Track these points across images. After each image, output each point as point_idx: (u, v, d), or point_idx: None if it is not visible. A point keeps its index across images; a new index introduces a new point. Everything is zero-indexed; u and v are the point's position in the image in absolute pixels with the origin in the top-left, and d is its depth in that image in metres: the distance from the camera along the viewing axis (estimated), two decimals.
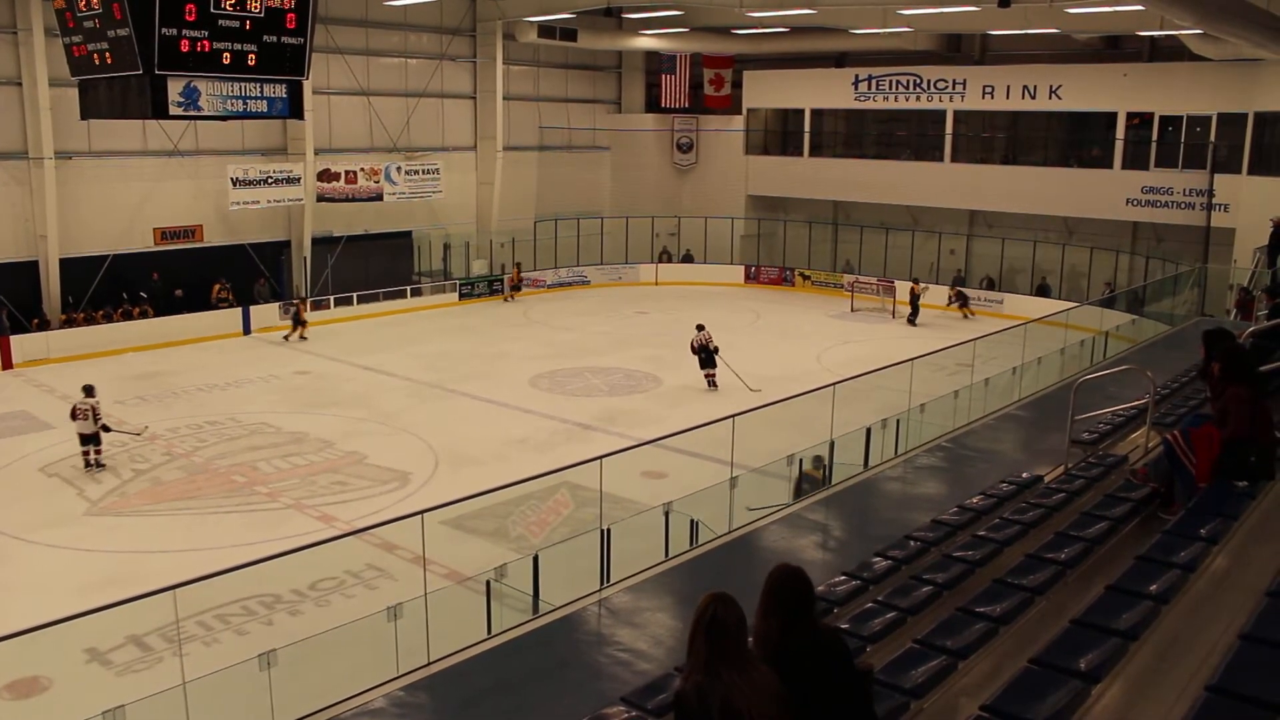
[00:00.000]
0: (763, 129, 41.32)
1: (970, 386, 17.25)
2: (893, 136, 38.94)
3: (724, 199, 40.65)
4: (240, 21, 14.74)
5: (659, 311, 33.88)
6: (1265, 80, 28.31)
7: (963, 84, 35.36)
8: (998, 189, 34.69)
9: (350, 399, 23.15)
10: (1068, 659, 4.89)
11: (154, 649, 11.75)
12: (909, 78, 36.53)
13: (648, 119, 42.74)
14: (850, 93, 37.95)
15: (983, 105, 35.23)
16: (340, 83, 32.98)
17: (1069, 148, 34.81)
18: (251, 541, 14.64)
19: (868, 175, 37.55)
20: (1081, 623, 5.29)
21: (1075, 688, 4.65)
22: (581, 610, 8.43)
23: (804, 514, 10.36)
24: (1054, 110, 33.96)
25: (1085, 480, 8.82)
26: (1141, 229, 32.84)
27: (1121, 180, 32.22)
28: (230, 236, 31.04)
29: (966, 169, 35.71)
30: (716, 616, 3.89)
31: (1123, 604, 5.43)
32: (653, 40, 39.13)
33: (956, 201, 35.80)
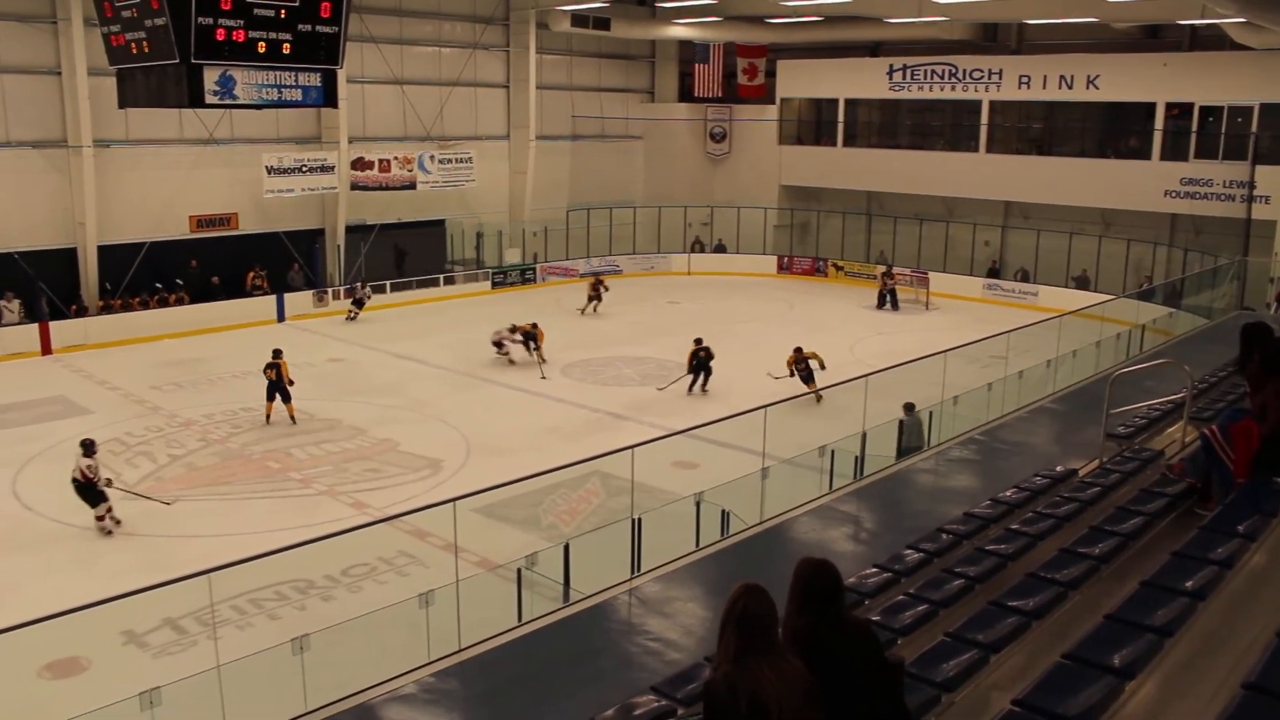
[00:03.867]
0: (796, 119, 41.13)
1: (1004, 379, 17.13)
2: (927, 126, 38.66)
3: (757, 189, 40.51)
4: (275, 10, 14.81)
5: (691, 301, 33.84)
6: None
7: (999, 74, 35.04)
8: (1034, 180, 34.37)
9: (383, 386, 23.28)
10: (1101, 654, 4.85)
11: (189, 632, 11.88)
12: (944, 67, 36.24)
13: (681, 108, 42.64)
14: (885, 82, 37.71)
15: (1019, 95, 34.90)
16: (374, 71, 33.10)
17: (1106, 138, 34.45)
18: (285, 527, 14.76)
19: (902, 165, 37.31)
20: (1116, 618, 5.24)
21: (1109, 684, 4.61)
22: (612, 599, 8.45)
23: (835, 505, 10.34)
24: (1091, 100, 33.59)
25: (1120, 475, 8.74)
26: (1180, 221, 32.46)
27: (1160, 171, 31.85)
28: (265, 224, 31.27)
29: (1002, 159, 35.40)
30: (747, 607, 3.88)
31: (1158, 600, 5.38)
32: (686, 29, 39.00)
33: (992, 192, 35.52)
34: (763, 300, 34.17)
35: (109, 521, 15.26)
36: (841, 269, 38.49)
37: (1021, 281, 34.73)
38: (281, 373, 20.29)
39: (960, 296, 34.02)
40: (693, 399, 22.04)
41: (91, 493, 15.15)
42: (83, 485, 15.11)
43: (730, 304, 33.34)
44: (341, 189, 31.94)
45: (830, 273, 38.70)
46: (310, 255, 32.45)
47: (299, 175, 30.80)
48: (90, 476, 15.08)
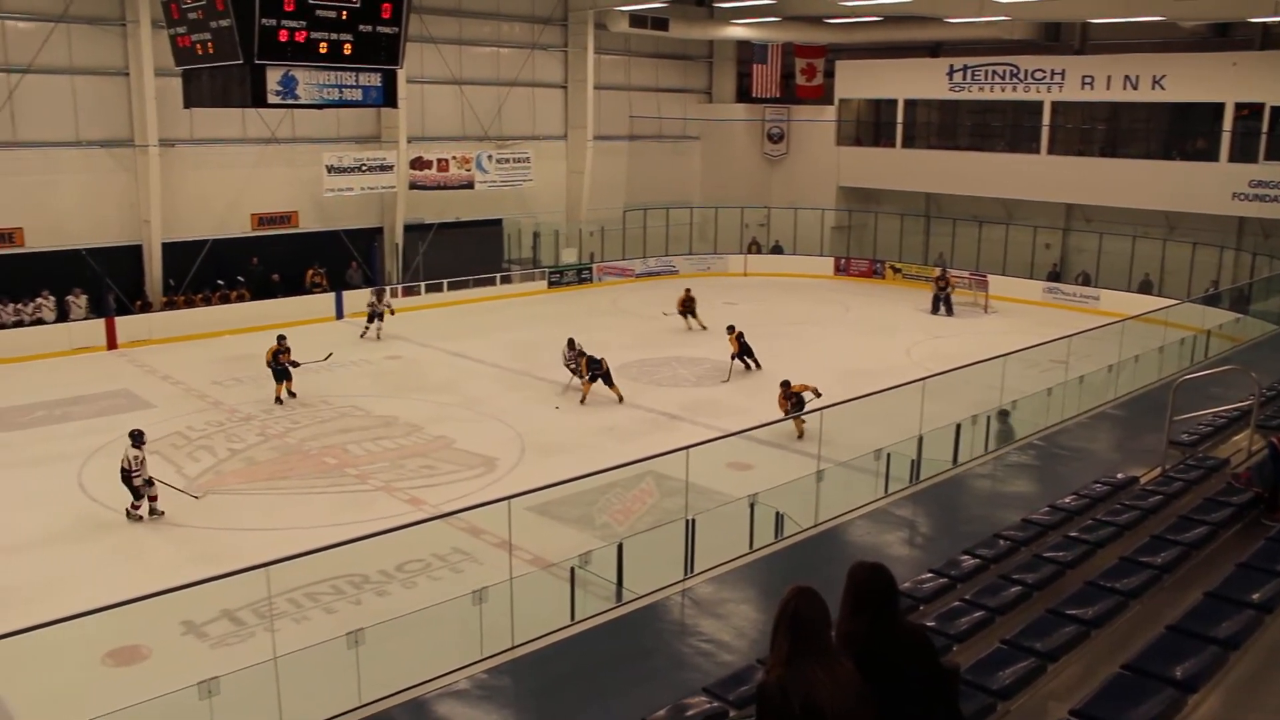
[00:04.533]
0: (855, 119, 40.85)
1: (1064, 384, 16.89)
2: (988, 128, 38.20)
3: (814, 190, 40.29)
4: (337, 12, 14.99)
5: (747, 303, 33.72)
6: None
7: (1061, 74, 34.53)
8: (1096, 182, 33.83)
9: (439, 384, 23.45)
10: (1163, 666, 4.77)
11: (246, 624, 12.04)
12: (1006, 68, 35.79)
13: (738, 109, 42.52)
14: (945, 83, 37.32)
15: (1082, 96, 34.36)
16: (433, 72, 33.37)
17: (1172, 140, 33.81)
18: (341, 522, 14.92)
19: (961, 167, 36.90)
20: (1178, 629, 5.15)
21: (1171, 696, 4.53)
22: (665, 600, 8.45)
23: (891, 510, 10.25)
24: (1157, 101, 32.99)
25: (1184, 483, 8.59)
26: (1248, 224, 31.78)
27: (1228, 173, 31.20)
28: (325, 223, 31.66)
29: (1064, 161, 34.88)
30: (799, 610, 3.86)
31: (1222, 611, 5.28)
32: (744, 29, 38.87)
33: (1053, 195, 35.03)
34: (819, 302, 33.99)
35: (144, 511, 15.64)
36: (899, 271, 38.17)
37: (1083, 285, 34.21)
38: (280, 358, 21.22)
39: (1020, 300, 33.60)
40: (748, 398, 21.95)
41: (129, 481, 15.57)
42: (123, 473, 15.55)
43: (786, 305, 33.20)
44: (400, 188, 32.25)
45: (887, 275, 38.40)
46: (369, 254, 32.79)
47: (358, 174, 31.15)
48: (131, 468, 15.44)
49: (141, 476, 15.50)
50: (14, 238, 26.15)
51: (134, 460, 15.41)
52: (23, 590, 13.26)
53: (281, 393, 21.96)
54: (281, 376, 22.01)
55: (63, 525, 14.99)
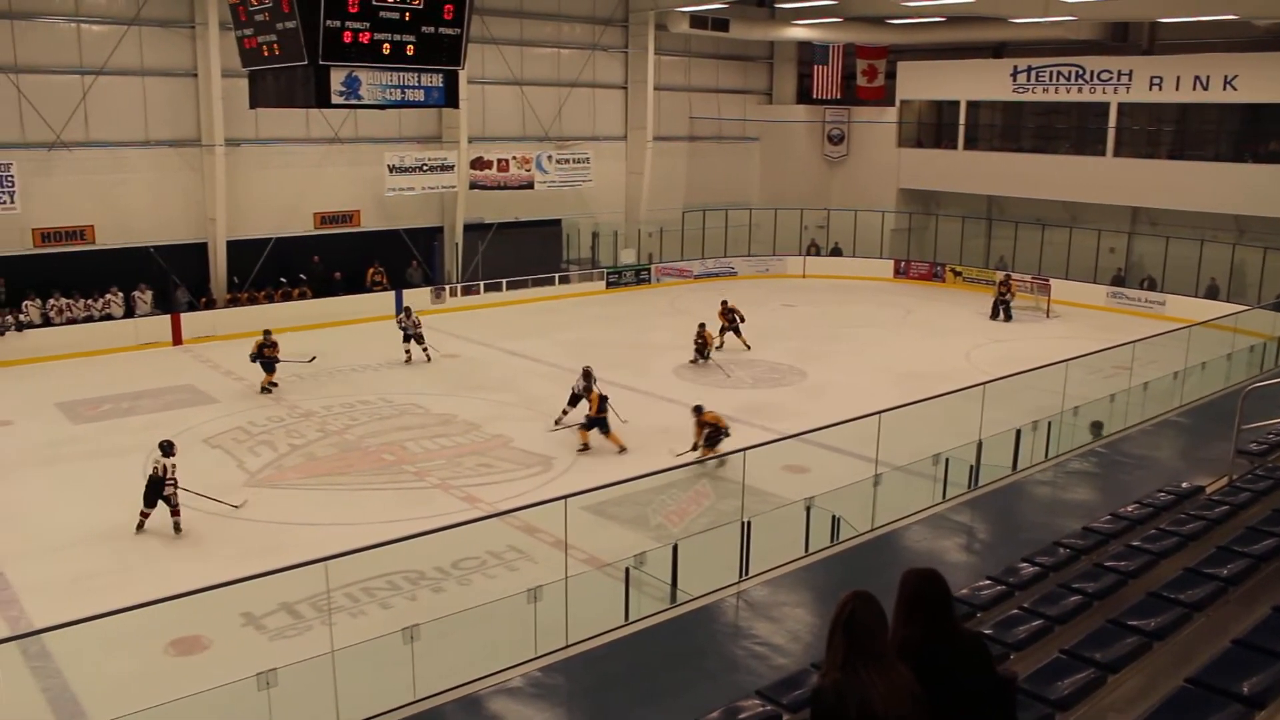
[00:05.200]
0: (916, 121, 40.48)
1: (1128, 390, 16.61)
2: (1052, 129, 37.66)
3: (874, 192, 39.98)
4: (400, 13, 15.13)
5: (805, 305, 33.59)
6: None
7: (1128, 75, 33.95)
8: (1163, 185, 33.22)
9: (497, 383, 23.60)
10: (1229, 681, 4.67)
11: (304, 617, 12.20)
12: (1071, 68, 35.27)
13: (799, 110, 42.32)
14: (1008, 84, 36.85)
15: (1150, 97, 33.76)
16: (494, 72, 33.59)
17: (1243, 141, 33.11)
18: (398, 519, 15.06)
19: (1024, 169, 36.41)
20: (1245, 643, 5.05)
21: (1237, 712, 4.44)
22: (719, 601, 8.44)
23: (949, 515, 10.16)
24: (1228, 102, 32.32)
25: (1252, 493, 8.41)
26: None
27: None
28: (386, 222, 31.99)
29: (1130, 164, 34.29)
30: (855, 614, 3.84)
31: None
32: (805, 30, 38.68)
33: (1118, 198, 34.43)
34: (878, 305, 33.73)
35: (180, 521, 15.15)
36: (959, 274, 37.76)
37: (1148, 290, 33.63)
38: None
39: (1083, 304, 33.10)
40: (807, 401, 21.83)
41: (156, 491, 15.10)
42: (155, 481, 15.10)
43: (846, 308, 33.00)
44: (461, 188, 32.49)
45: (948, 278, 38.01)
46: (429, 253, 33.09)
47: (420, 174, 31.45)
48: (162, 475, 15.06)
49: (173, 486, 15.10)
50: (85, 235, 26.72)
51: (169, 468, 15.11)
52: (94, 579, 13.55)
53: (266, 383, 22.56)
54: (268, 368, 22.58)
55: (128, 517, 15.26)
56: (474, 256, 33.33)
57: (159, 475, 15.12)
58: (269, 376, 22.59)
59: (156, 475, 15.13)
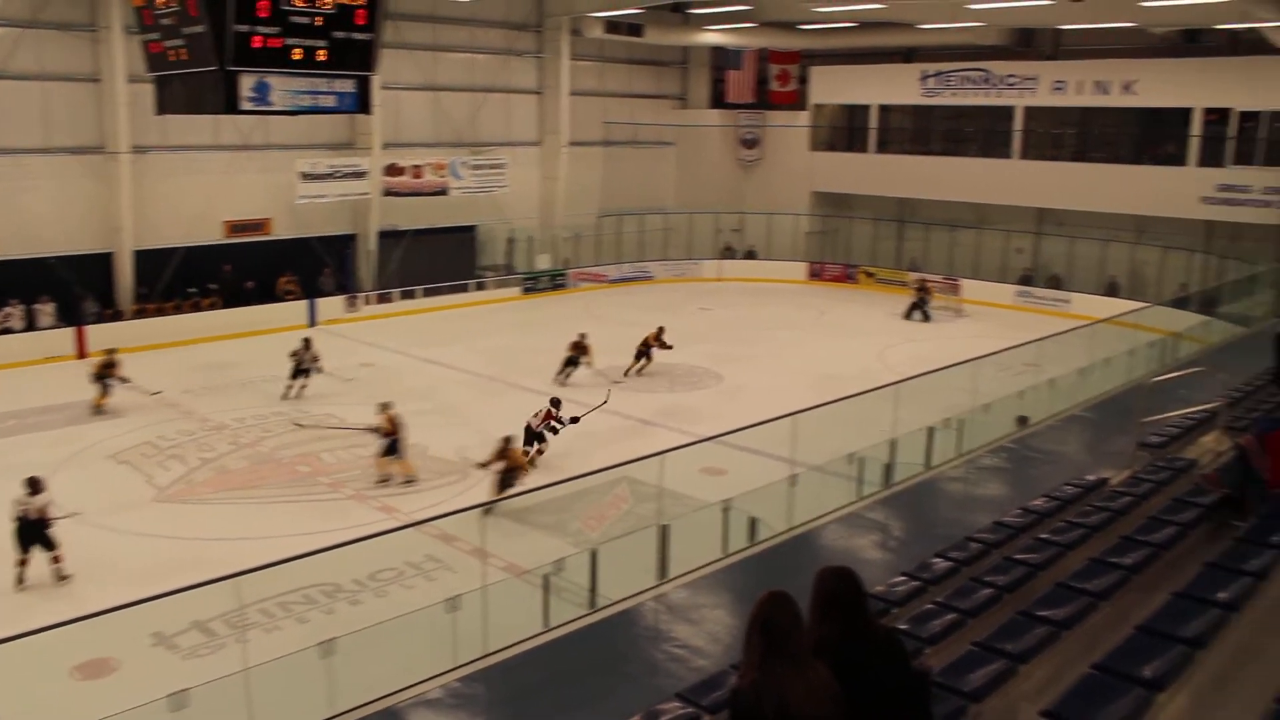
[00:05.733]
0: (828, 125, 41.01)
1: (1035, 387, 17.00)
2: (961, 133, 38.40)
3: (788, 195, 40.42)
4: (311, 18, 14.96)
5: (721, 308, 33.81)
6: None
7: (1034, 79, 34.79)
8: (1067, 186, 34.08)
9: (413, 391, 23.34)
10: (1132, 666, 4.80)
11: (218, 635, 11.95)
12: (978, 73, 36.03)
13: (713, 115, 42.62)
14: (918, 88, 37.54)
15: (1054, 101, 34.63)
16: (408, 78, 33.28)
17: (1142, 144, 34.10)
18: (314, 531, 14.84)
19: (934, 172, 37.10)
20: (1147, 629, 5.19)
21: (1139, 696, 4.56)
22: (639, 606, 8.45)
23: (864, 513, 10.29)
24: (1128, 106, 33.27)
25: (1153, 484, 8.66)
26: (1216, 228, 32.05)
27: (1196, 178, 31.51)
28: (298, 230, 31.49)
29: (1036, 166, 35.14)
30: (771, 615, 3.87)
31: (1190, 611, 5.32)
32: (719, 35, 39.00)
33: (1025, 199, 35.26)
34: (794, 307, 34.08)
35: (50, 570, 13.67)
36: (872, 276, 38.33)
37: (1054, 289, 34.46)
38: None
39: (992, 304, 33.82)
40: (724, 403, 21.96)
41: (34, 534, 13.50)
42: (29, 525, 13.48)
43: (761, 310, 33.27)
44: (374, 195, 32.15)
45: (861, 279, 38.55)
46: (342, 261, 32.66)
47: (332, 181, 31.04)
48: (38, 518, 13.48)
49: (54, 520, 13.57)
50: None
51: (41, 509, 13.46)
52: None
53: (103, 403, 21.48)
54: (106, 388, 21.55)
55: None
56: (388, 264, 32.98)
57: (32, 518, 13.44)
58: (102, 399, 21.46)
59: (28, 518, 13.44)
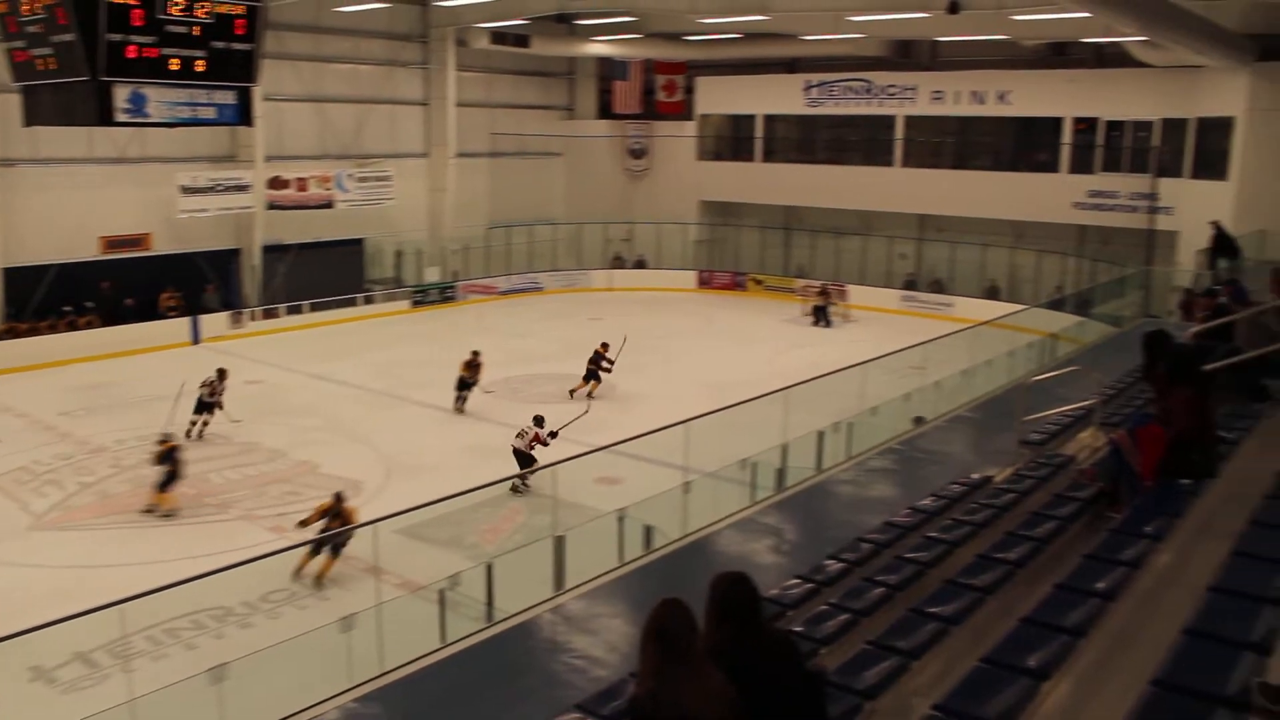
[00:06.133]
0: (715, 134, 41.47)
1: (921, 389, 17.39)
2: (844, 142, 39.16)
3: (677, 204, 40.73)
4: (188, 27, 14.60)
5: (612, 317, 33.86)
6: (1206, 86, 28.81)
7: (913, 89, 35.69)
8: (947, 193, 35.03)
9: (302, 408, 22.94)
10: (1017, 657, 4.94)
11: (101, 666, 11.56)
12: (860, 83, 36.82)
13: (600, 125, 42.75)
14: (802, 98, 38.20)
15: (933, 110, 35.57)
16: (291, 89, 32.69)
17: (1017, 152, 35.22)
18: (201, 554, 14.43)
19: (819, 180, 37.76)
20: (1031, 621, 5.34)
21: (1025, 685, 4.69)
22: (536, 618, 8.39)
23: (758, 518, 10.39)
24: (1003, 115, 34.36)
25: (1034, 480, 8.92)
26: (1088, 232, 33.29)
27: (1068, 184, 32.68)
28: (179, 245, 30.64)
29: (916, 173, 36.03)
30: (664, 622, 3.90)
31: (1071, 602, 5.49)
32: (605, 46, 39.15)
33: (906, 206, 36.13)
34: (683, 315, 34.34)
35: None
36: (761, 283, 38.84)
37: (937, 293, 35.36)
38: None
39: (877, 309, 34.53)
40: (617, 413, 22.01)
41: None
42: None
43: (652, 319, 33.41)
44: (258, 208, 31.47)
45: (750, 287, 39.03)
46: (226, 276, 31.89)
47: (214, 195, 30.28)
48: None
49: None
50: None
51: None
52: None
53: None
54: None
55: None
56: (274, 278, 32.31)
57: None
58: None
59: None
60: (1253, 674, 4.30)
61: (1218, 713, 4.08)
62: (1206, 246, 22.73)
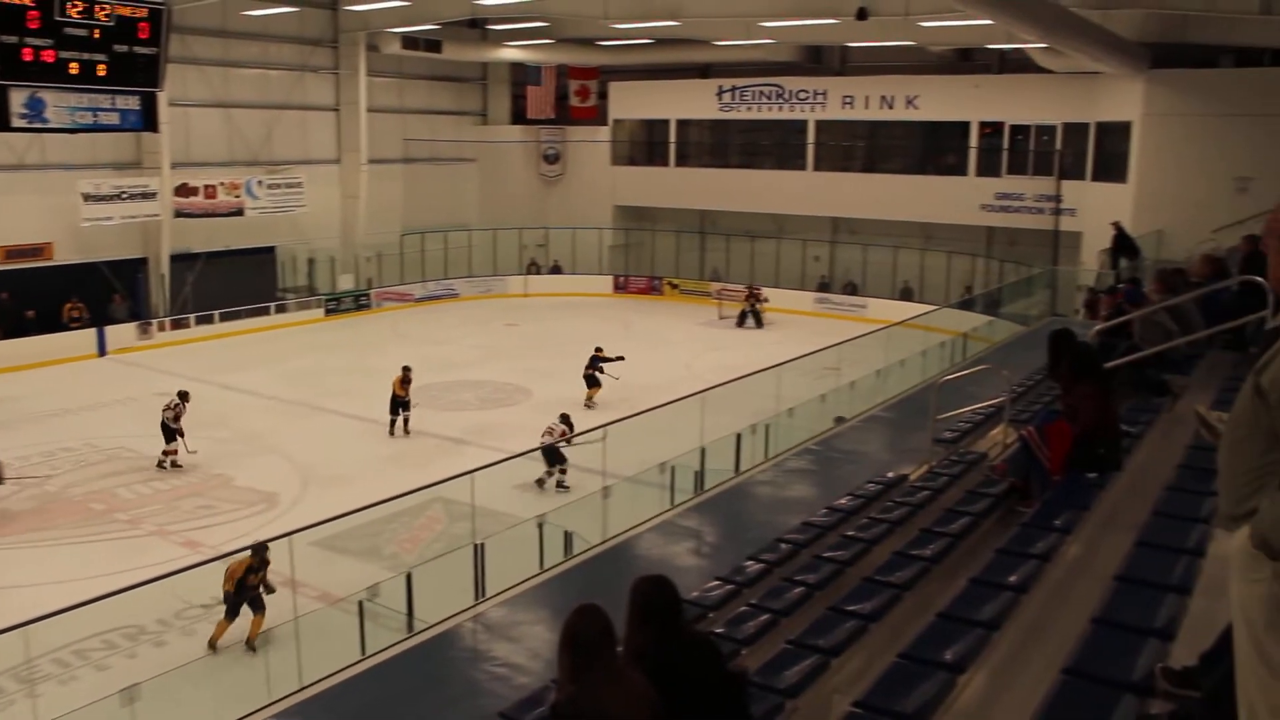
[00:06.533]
0: (629, 139, 41.58)
1: (836, 390, 17.63)
2: (757, 146, 39.54)
3: (591, 210, 40.74)
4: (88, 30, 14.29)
5: (528, 323, 33.80)
6: (1104, 92, 29.64)
7: (824, 94, 36.16)
8: (859, 196, 35.55)
9: (214, 420, 22.46)
10: (934, 651, 5.02)
11: (4, 691, 11.18)
12: (771, 88, 37.20)
13: (514, 130, 42.59)
14: (714, 103, 38.47)
15: (843, 115, 36.08)
16: (197, 94, 32.04)
17: (926, 156, 35.88)
18: (112, 572, 14.06)
19: (733, 184, 38.08)
20: (947, 615, 5.44)
21: (942, 679, 4.78)
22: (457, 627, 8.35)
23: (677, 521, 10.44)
24: (911, 120, 34.98)
25: (948, 477, 9.08)
26: (996, 233, 34.04)
27: (976, 187, 33.38)
28: (83, 254, 29.80)
29: (828, 177, 36.50)
30: (578, 629, 3.92)
31: (985, 595, 5.60)
32: (518, 52, 39.02)
33: (819, 209, 36.57)
34: (600, 320, 34.32)
35: None
36: (676, 287, 39.01)
37: (850, 295, 35.85)
38: None
39: (793, 311, 34.88)
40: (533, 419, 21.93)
41: None
42: None
43: (568, 324, 33.38)
44: (165, 216, 30.74)
45: (666, 291, 39.18)
46: (133, 286, 31.13)
47: (119, 203, 29.51)
48: None
49: None
50: None
51: None
52: None
53: None
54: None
55: None
56: (183, 288, 31.61)
57: None
58: None
59: None
60: (1156, 660, 4.43)
61: (1124, 699, 4.19)
62: (1108, 247, 23.39)
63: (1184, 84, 26.86)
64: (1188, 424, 8.06)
